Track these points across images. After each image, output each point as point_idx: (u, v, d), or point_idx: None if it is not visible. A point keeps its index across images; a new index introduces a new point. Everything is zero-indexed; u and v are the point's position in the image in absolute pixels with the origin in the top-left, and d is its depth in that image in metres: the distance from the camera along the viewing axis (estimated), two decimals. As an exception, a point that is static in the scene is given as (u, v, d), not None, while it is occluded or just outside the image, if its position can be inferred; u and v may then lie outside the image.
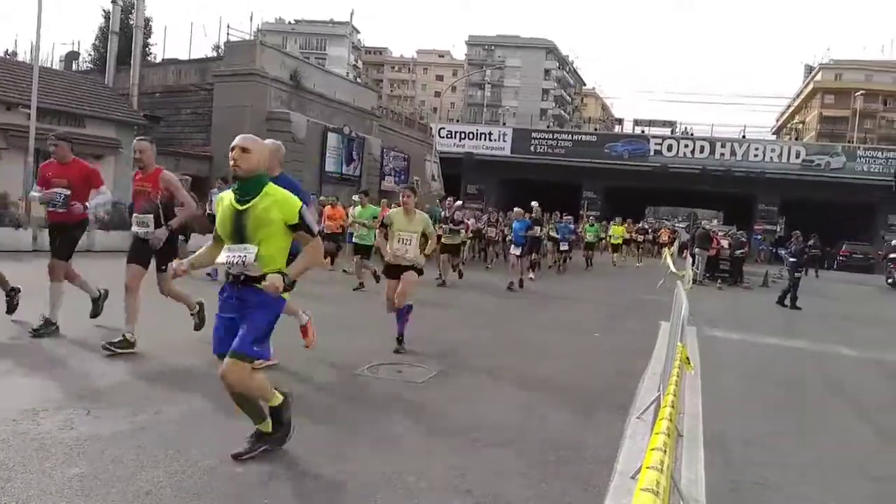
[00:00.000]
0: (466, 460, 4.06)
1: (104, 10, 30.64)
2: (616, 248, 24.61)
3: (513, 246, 14.23)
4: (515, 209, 15.70)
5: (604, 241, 25.74)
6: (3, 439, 3.76)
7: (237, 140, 3.70)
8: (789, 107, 78.45)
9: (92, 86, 23.27)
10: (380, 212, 12.26)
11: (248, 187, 3.66)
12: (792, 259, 15.34)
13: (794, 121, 73.14)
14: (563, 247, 18.82)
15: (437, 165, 37.71)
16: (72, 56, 31.44)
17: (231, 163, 3.65)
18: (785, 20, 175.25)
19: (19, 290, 6.81)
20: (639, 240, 27.53)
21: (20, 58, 29.99)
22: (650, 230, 32.54)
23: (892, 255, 24.70)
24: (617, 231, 24.75)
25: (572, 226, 21.58)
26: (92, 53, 32.37)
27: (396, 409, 4.98)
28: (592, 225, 23.48)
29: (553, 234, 19.72)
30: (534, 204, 16.64)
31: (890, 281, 24.05)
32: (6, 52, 35.27)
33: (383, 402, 5.14)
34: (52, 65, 27.98)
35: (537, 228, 15.56)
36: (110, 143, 20.66)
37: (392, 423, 4.65)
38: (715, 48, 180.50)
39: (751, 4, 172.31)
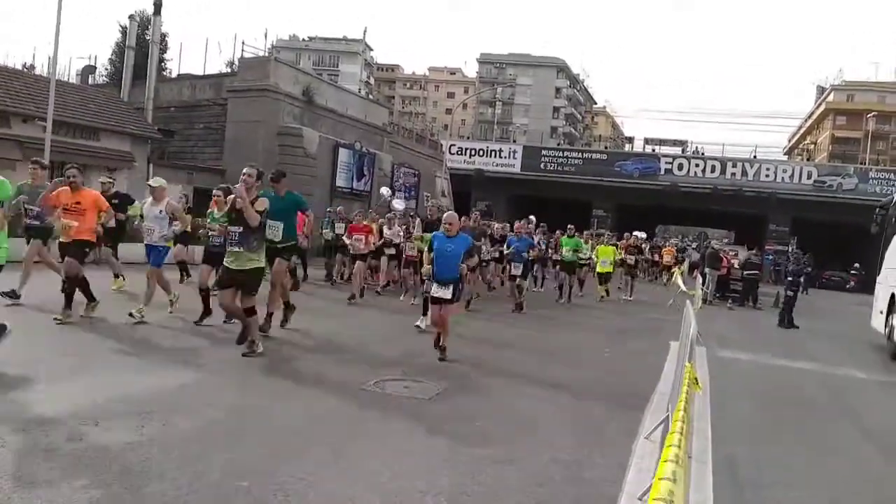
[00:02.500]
0: (470, 478, 4.04)
1: (121, 26, 31.12)
2: (604, 277, 16.97)
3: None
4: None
5: (588, 263, 17.88)
6: (12, 449, 3.78)
7: None
8: (801, 127, 78.29)
9: (108, 99, 23.59)
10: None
11: None
12: (789, 279, 15.63)
13: (806, 141, 72.93)
14: (514, 269, 12.33)
15: (448, 182, 37.83)
16: (88, 70, 31.88)
17: None
18: (797, 41, 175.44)
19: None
20: (629, 261, 18.45)
21: (38, 71, 30.44)
22: (646, 246, 24.53)
23: None
24: (604, 253, 17.10)
25: (537, 237, 15.73)
26: (108, 68, 32.80)
27: (402, 425, 4.97)
28: (571, 236, 16.11)
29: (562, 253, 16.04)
30: (532, 218, 16.64)
31: None
32: (24, 65, 35.78)
33: (389, 417, 5.13)
34: (69, 78, 28.37)
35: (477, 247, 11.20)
36: (124, 156, 20.90)
37: (397, 439, 4.64)
38: (727, 68, 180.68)
39: (763, 26, 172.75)
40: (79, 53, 59.86)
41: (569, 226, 16.55)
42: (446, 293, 7.44)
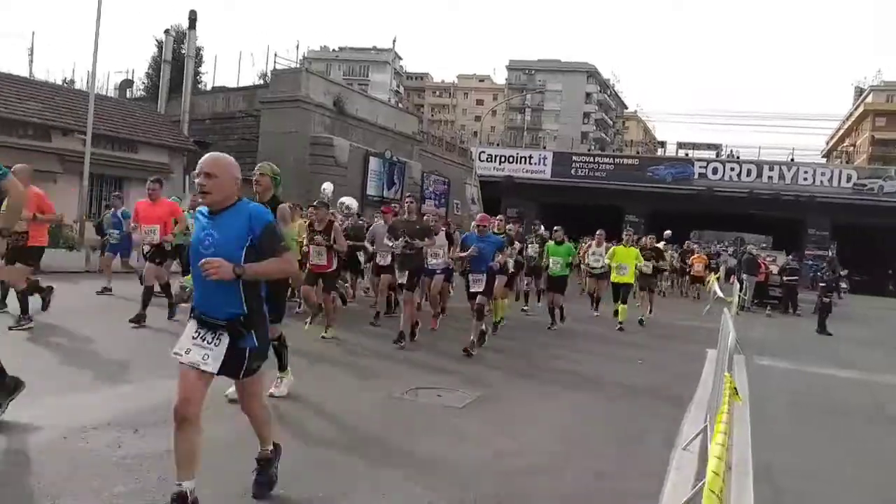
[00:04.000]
0: (504, 488, 4.00)
1: (157, 40, 31.84)
2: (623, 291, 12.16)
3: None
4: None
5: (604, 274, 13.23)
6: (53, 456, 3.85)
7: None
8: (839, 129, 76.38)
9: (145, 113, 24.17)
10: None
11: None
12: (822, 284, 15.58)
13: (845, 143, 71.13)
14: (475, 286, 8.68)
15: (477, 189, 37.81)
16: (126, 84, 32.72)
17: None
18: (834, 41, 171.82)
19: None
20: (645, 270, 13.35)
21: (77, 85, 31.34)
22: (669, 250, 20.42)
23: None
24: (622, 256, 12.16)
25: (509, 234, 11.67)
26: (145, 81, 33.62)
27: (435, 433, 4.95)
28: (560, 242, 11.77)
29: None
30: (533, 224, 15.27)
31: None
32: (64, 80, 36.90)
33: (422, 426, 5.11)
34: (107, 92, 29.11)
35: (508, 252, 10.18)
36: (161, 167, 21.34)
37: (430, 447, 4.62)
38: (762, 70, 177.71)
39: (799, 26, 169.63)
40: (117, 68, 61.92)
41: (555, 228, 12.05)
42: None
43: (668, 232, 20.94)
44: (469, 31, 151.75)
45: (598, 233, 13.76)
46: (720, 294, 15.33)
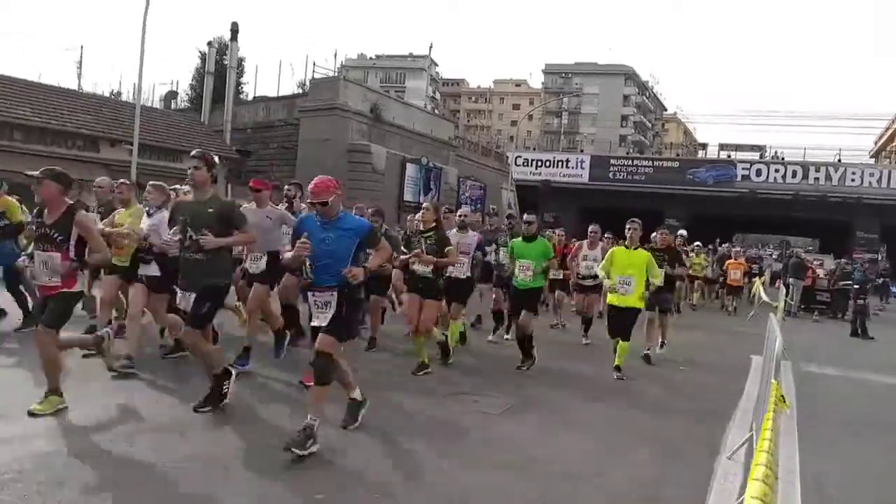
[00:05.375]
0: (542, 494, 3.96)
1: (200, 52, 32.69)
2: (623, 320, 7.69)
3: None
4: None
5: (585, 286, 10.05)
6: (109, 459, 3.96)
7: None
8: (888, 129, 73.85)
9: (189, 123, 24.81)
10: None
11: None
12: (856, 286, 15.19)
13: (894, 143, 68.75)
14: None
15: (514, 194, 37.71)
16: (171, 96, 33.66)
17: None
18: (880, 38, 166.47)
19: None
20: (654, 281, 8.09)
21: (123, 98, 32.38)
22: (695, 254, 17.00)
23: None
24: (623, 262, 7.73)
25: (482, 231, 9.42)
26: (189, 93, 34.50)
27: (471, 439, 4.93)
28: (532, 238, 7.84)
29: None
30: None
31: None
32: (111, 92, 38.12)
33: (458, 431, 5.10)
34: (152, 104, 29.99)
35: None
36: (203, 176, 21.82)
37: (466, 453, 4.60)
38: (805, 69, 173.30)
39: (844, 23, 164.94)
40: (161, 80, 63.52)
41: (526, 217, 8.21)
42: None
43: (682, 231, 16.09)
44: (505, 35, 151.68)
45: (590, 230, 10.05)
46: (766, 299, 14.94)
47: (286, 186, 7.87)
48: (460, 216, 8.15)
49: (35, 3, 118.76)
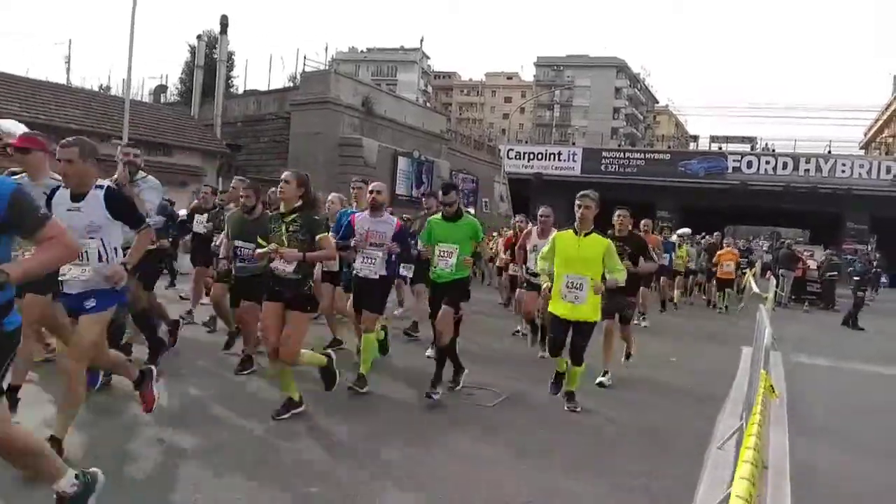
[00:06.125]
0: (535, 487, 3.99)
1: (190, 46, 32.45)
2: (572, 333, 5.66)
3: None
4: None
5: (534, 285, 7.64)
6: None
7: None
8: (878, 120, 74.23)
9: (179, 117, 24.64)
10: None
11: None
12: (856, 277, 15.26)
13: (884, 135, 69.06)
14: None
15: (506, 187, 37.71)
16: (160, 89, 33.42)
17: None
18: (870, 31, 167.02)
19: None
20: (611, 281, 5.60)
21: (113, 92, 32.09)
22: (683, 243, 15.69)
23: None
24: (571, 256, 5.55)
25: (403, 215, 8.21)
26: (179, 87, 34.27)
27: (465, 431, 4.95)
28: (455, 218, 6.00)
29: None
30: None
31: None
32: (100, 86, 37.80)
33: (452, 424, 5.12)
34: (142, 98, 29.76)
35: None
36: (195, 171, 21.74)
37: (460, 445, 4.63)
38: (796, 61, 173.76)
39: (834, 15, 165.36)
40: (151, 74, 63.16)
41: (443, 187, 6.34)
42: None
43: (685, 230, 16.30)
44: (497, 28, 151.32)
45: (540, 214, 8.04)
46: (756, 290, 15.03)
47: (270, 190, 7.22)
48: (371, 193, 6.01)
49: (28, 1, 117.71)
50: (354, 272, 6.03)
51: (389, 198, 8.08)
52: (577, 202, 5.66)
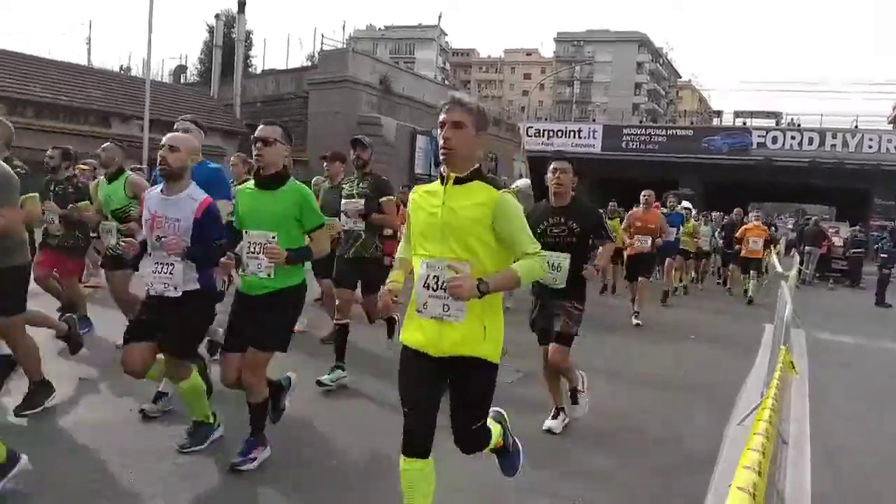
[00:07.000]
0: (554, 462, 4.01)
1: (208, 25, 32.47)
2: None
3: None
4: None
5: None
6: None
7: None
8: (909, 92, 72.35)
9: (198, 97, 24.81)
10: None
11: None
12: (883, 255, 15.04)
13: (915, 107, 67.35)
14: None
15: (525, 165, 37.49)
16: (180, 70, 33.58)
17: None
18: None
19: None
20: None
21: (133, 73, 32.30)
22: (697, 223, 13.89)
23: None
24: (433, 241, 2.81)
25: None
26: (198, 66, 34.37)
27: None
28: (280, 180, 3.87)
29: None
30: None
31: None
32: (121, 67, 38.03)
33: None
34: (162, 79, 29.98)
35: None
36: (215, 150, 21.86)
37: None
38: (821, 35, 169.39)
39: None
40: (170, 54, 63.39)
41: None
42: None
43: (686, 204, 14.01)
44: (515, 3, 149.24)
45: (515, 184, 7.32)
46: (779, 268, 14.83)
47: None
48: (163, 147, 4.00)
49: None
50: (146, 289, 3.74)
51: (408, 177, 7.52)
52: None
